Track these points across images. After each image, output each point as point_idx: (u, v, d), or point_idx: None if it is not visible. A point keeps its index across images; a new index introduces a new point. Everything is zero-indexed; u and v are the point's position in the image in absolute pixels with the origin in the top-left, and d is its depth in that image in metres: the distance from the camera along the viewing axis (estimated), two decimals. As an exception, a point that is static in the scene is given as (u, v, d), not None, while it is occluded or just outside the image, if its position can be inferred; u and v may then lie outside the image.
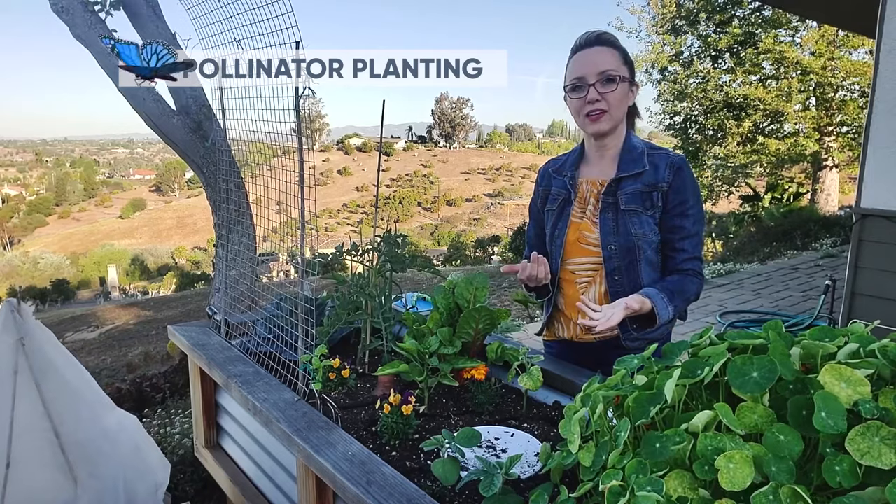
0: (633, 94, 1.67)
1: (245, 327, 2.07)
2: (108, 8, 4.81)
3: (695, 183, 1.62)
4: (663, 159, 1.62)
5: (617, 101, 1.61)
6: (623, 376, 1.02)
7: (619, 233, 1.63)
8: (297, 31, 1.46)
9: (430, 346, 1.56)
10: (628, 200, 1.62)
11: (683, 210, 1.60)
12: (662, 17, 14.16)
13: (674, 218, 1.61)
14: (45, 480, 1.80)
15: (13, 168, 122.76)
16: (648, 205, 1.61)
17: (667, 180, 1.60)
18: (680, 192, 1.59)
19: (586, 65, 1.60)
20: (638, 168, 1.62)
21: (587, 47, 1.62)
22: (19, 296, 1.81)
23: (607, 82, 1.58)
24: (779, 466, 0.74)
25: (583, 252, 1.70)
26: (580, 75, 1.60)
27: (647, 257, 1.63)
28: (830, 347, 0.85)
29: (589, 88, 1.59)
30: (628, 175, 1.63)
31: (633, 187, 1.62)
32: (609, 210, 1.65)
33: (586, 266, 1.70)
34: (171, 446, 3.08)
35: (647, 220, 1.61)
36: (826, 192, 13.71)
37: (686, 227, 1.61)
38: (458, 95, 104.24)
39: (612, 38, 1.64)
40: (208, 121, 4.78)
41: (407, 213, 77.98)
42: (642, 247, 1.62)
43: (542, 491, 1.01)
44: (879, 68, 3.57)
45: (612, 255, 1.64)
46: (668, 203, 1.60)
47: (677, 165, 1.61)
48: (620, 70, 1.60)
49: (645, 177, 1.61)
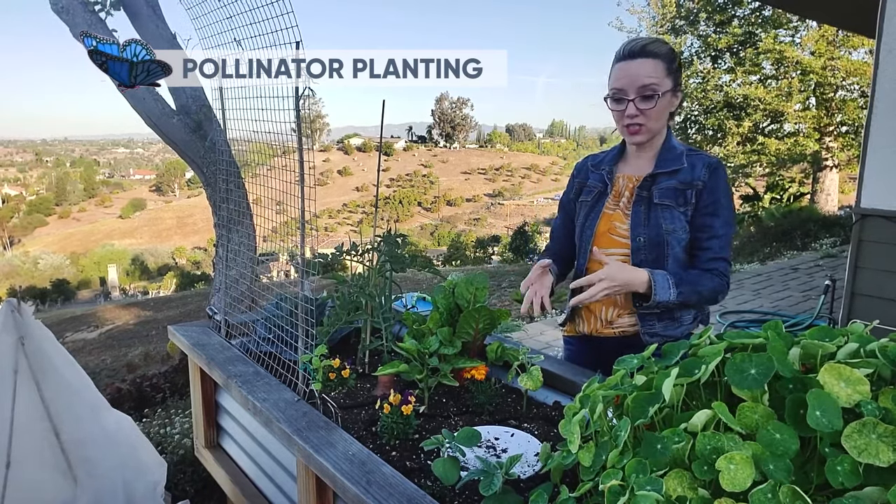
0: (675, 102, 1.65)
1: (245, 327, 2.07)
2: (109, 8, 4.82)
3: (728, 187, 1.63)
4: (701, 159, 1.63)
5: (656, 115, 1.60)
6: (622, 376, 1.02)
7: (649, 225, 1.63)
8: (297, 31, 1.46)
9: (430, 346, 1.56)
10: (662, 195, 1.63)
11: (715, 210, 1.60)
12: (662, 17, 14.16)
13: (704, 217, 1.61)
14: (44, 480, 1.80)
15: (13, 168, 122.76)
16: (682, 201, 1.61)
17: (702, 179, 1.60)
18: (714, 192, 1.60)
19: (627, 77, 1.58)
20: (676, 165, 1.63)
21: (630, 59, 1.59)
22: (19, 296, 1.81)
23: (646, 98, 1.57)
24: (776, 464, 0.74)
25: (612, 243, 1.71)
26: (620, 87, 1.59)
27: (674, 254, 1.63)
28: (830, 347, 0.85)
29: (628, 104, 1.59)
30: (665, 171, 1.64)
31: (669, 183, 1.63)
32: (642, 203, 1.66)
33: (615, 258, 1.69)
34: (171, 446, 3.08)
35: (678, 216, 1.62)
36: (826, 192, 13.72)
37: (715, 226, 1.61)
38: (458, 95, 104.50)
39: (658, 47, 1.59)
40: (208, 121, 4.78)
41: (407, 213, 78.00)
42: (671, 242, 1.62)
43: (542, 491, 1.01)
44: (879, 68, 3.57)
45: (641, 247, 1.64)
46: (701, 202, 1.61)
47: (714, 166, 1.62)
48: (663, 83, 1.57)
49: (681, 174, 1.62)
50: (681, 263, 1.65)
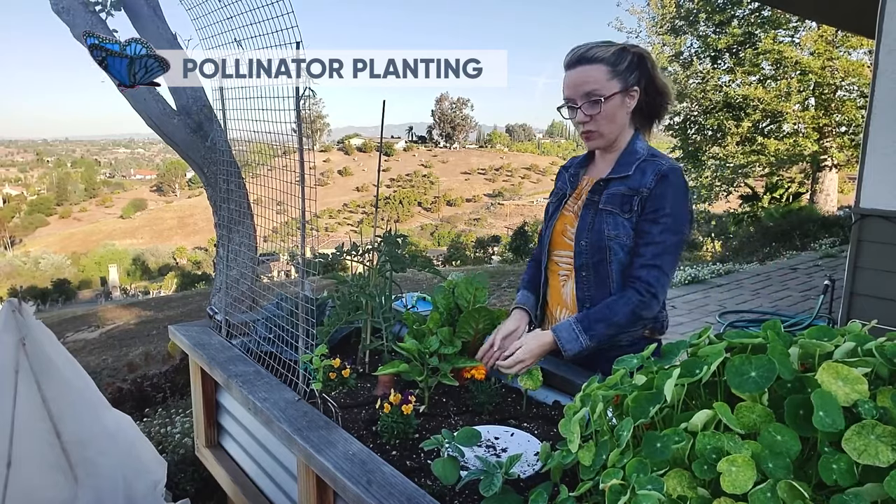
0: (632, 98, 1.62)
1: (246, 327, 2.07)
2: (109, 8, 4.82)
3: (680, 195, 1.57)
4: (653, 167, 1.59)
5: (606, 119, 1.59)
6: (622, 376, 1.02)
7: (592, 230, 1.63)
8: (297, 31, 1.46)
9: (431, 346, 1.57)
10: (607, 200, 1.62)
11: (655, 217, 1.56)
12: (662, 17, 14.17)
13: (643, 223, 1.58)
14: (45, 480, 1.81)
15: (14, 168, 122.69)
16: (627, 208, 1.59)
17: (648, 186, 1.57)
18: (657, 200, 1.56)
19: (572, 86, 1.59)
20: (625, 171, 1.61)
21: (571, 68, 1.60)
22: (20, 296, 1.81)
23: (593, 104, 1.57)
24: (776, 464, 0.75)
25: (563, 245, 1.72)
26: (568, 96, 1.61)
27: (619, 259, 1.61)
28: (828, 346, 0.85)
29: (577, 111, 1.60)
30: (616, 177, 1.63)
31: (618, 189, 1.61)
32: (590, 207, 1.66)
33: (565, 259, 1.71)
34: (171, 445, 3.08)
35: (622, 223, 1.59)
36: (825, 193, 13.73)
37: (651, 232, 1.56)
38: (458, 95, 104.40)
39: (600, 52, 1.58)
40: (209, 121, 4.79)
41: (407, 214, 78.00)
42: (614, 248, 1.60)
43: (542, 490, 1.01)
44: (879, 68, 3.58)
45: (583, 251, 1.64)
46: (645, 209, 1.58)
47: (663, 174, 1.56)
48: (606, 87, 1.56)
49: (631, 181, 1.60)
50: (626, 268, 1.62)
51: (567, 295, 1.71)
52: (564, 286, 1.72)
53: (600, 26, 24.95)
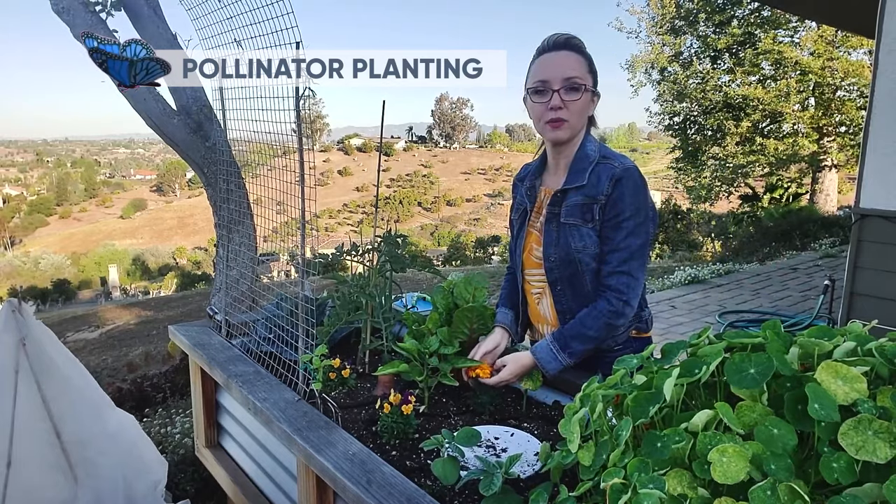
0: (594, 103, 1.62)
1: (245, 327, 2.07)
2: (109, 8, 4.81)
3: (638, 196, 1.55)
4: (607, 171, 1.56)
5: (579, 110, 1.57)
6: (622, 376, 1.02)
7: (559, 245, 1.60)
8: (297, 31, 1.47)
9: (430, 346, 1.57)
10: (568, 213, 1.59)
11: (616, 223, 1.54)
12: (662, 17, 14.18)
13: (606, 229, 1.56)
14: (45, 480, 1.81)
15: (14, 168, 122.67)
16: (589, 217, 1.56)
17: (605, 193, 1.55)
18: (616, 205, 1.54)
19: (552, 68, 1.55)
20: (580, 181, 1.58)
21: (554, 50, 1.57)
22: (20, 296, 1.81)
23: (572, 90, 1.54)
24: (777, 464, 0.75)
25: (533, 264, 1.70)
26: (545, 78, 1.55)
27: (591, 269, 1.58)
28: (828, 346, 0.86)
29: (553, 94, 1.54)
30: (572, 187, 1.59)
31: (575, 199, 1.58)
32: (553, 221, 1.63)
33: (537, 277, 1.69)
34: (171, 446, 3.08)
35: (587, 233, 1.57)
36: (825, 193, 13.74)
37: (615, 239, 1.54)
38: (458, 96, 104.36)
39: (580, 43, 1.58)
40: (209, 121, 4.78)
41: (407, 214, 77.99)
42: (584, 259, 1.58)
43: (542, 490, 1.01)
44: (879, 68, 3.58)
45: (553, 267, 1.62)
46: (605, 216, 1.56)
47: (617, 178, 1.54)
48: (585, 79, 1.55)
49: (587, 189, 1.57)
50: (596, 275, 1.61)
51: (545, 311, 1.70)
52: (540, 303, 1.71)
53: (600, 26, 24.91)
